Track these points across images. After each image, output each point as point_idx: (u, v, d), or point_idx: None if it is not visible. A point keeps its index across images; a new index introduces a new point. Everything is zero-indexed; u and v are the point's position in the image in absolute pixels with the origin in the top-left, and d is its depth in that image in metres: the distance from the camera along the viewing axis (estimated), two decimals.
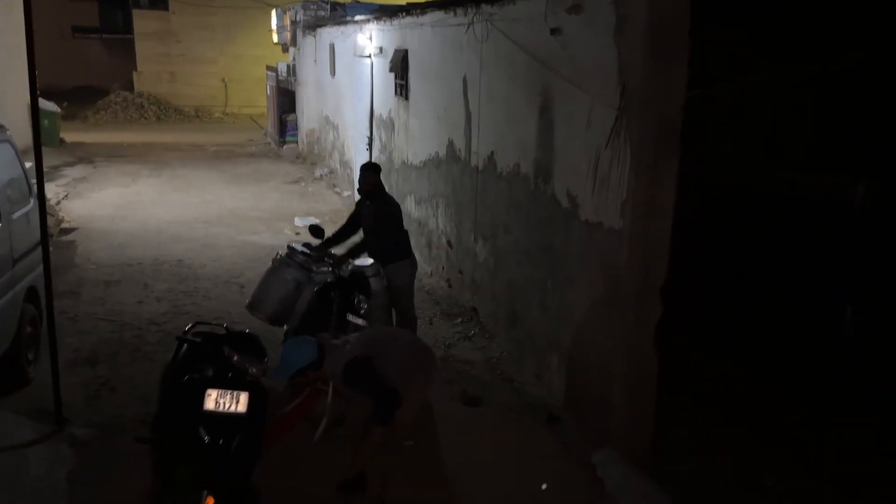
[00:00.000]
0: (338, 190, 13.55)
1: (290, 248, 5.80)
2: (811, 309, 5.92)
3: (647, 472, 4.54)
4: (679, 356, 4.97)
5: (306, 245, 5.95)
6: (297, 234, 10.20)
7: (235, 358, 3.75)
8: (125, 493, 4.25)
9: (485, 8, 6.51)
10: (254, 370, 3.82)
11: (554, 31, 5.26)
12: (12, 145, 5.49)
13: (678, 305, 4.73)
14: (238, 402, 3.65)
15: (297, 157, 17.08)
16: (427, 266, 8.48)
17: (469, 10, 6.86)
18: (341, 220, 6.28)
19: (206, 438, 3.59)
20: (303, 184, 14.27)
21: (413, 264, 6.26)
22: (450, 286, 8.02)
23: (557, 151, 5.39)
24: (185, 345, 4.27)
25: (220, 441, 3.60)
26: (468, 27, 6.85)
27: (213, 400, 3.64)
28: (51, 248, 5.97)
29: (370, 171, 6.16)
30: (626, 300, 4.59)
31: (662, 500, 4.30)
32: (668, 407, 4.89)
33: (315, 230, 5.85)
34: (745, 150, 6.95)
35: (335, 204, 12.41)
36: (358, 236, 6.33)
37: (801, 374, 5.79)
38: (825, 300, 5.75)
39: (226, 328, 4.51)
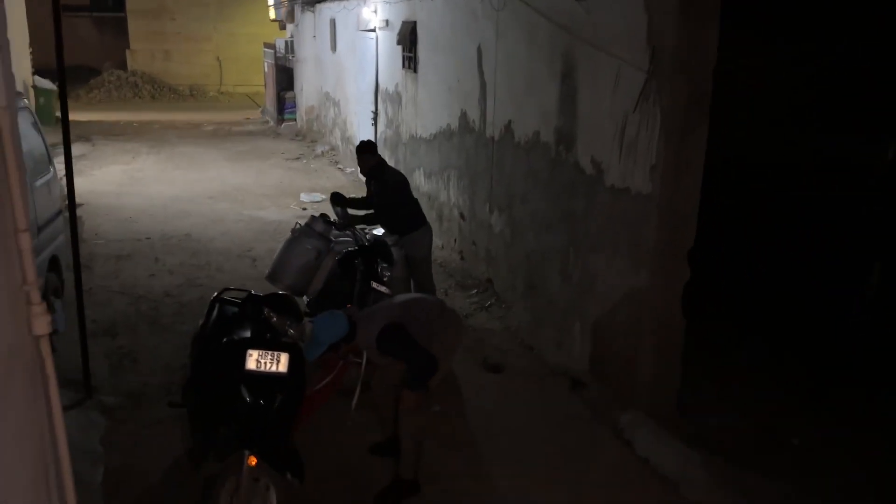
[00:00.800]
0: (340, 166, 13.51)
1: (311, 217, 5.80)
2: (831, 283, 5.99)
3: (674, 433, 4.61)
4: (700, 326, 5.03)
5: (324, 216, 5.94)
6: (304, 209, 10.20)
7: (275, 319, 3.77)
8: (159, 456, 4.30)
9: None
10: (292, 332, 3.84)
11: None
12: (31, 113, 5.45)
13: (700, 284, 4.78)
14: (279, 363, 3.67)
15: (297, 135, 17.00)
16: (438, 239, 8.47)
17: None
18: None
19: (248, 399, 3.62)
20: (304, 160, 14.23)
21: (428, 233, 6.29)
22: (462, 258, 8.05)
23: (581, 118, 5.40)
24: (216, 309, 4.30)
25: (262, 401, 3.63)
26: None
27: (255, 360, 3.65)
28: (63, 220, 5.96)
29: (364, 152, 6.13)
30: (655, 264, 4.63)
31: (692, 459, 4.36)
32: (691, 367, 4.96)
33: (336, 198, 5.85)
34: (760, 133, 6.99)
35: (339, 180, 12.37)
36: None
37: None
38: (846, 273, 5.80)
39: (253, 293, 4.53)
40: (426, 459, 4.23)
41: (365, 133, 11.87)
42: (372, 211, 6.13)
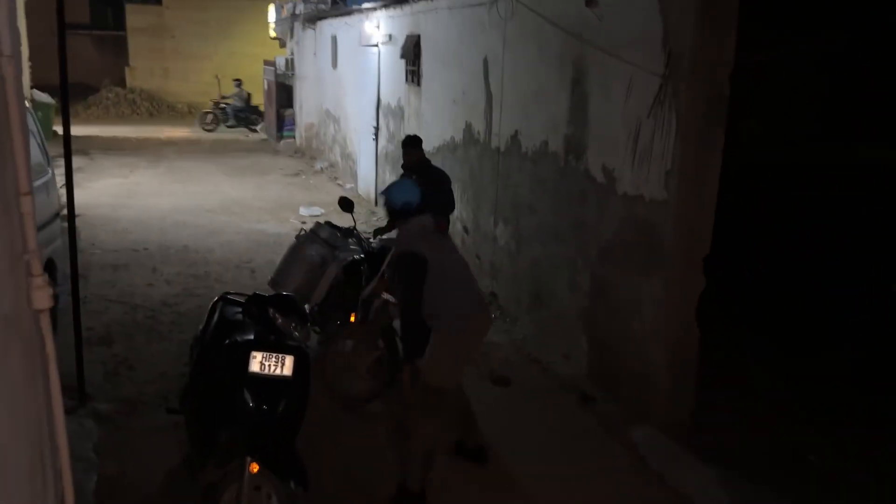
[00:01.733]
0: (340, 182, 13.42)
1: (316, 224, 5.68)
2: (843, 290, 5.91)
3: (689, 448, 4.45)
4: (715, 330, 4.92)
5: (329, 223, 5.81)
6: (303, 223, 10.05)
7: (280, 320, 3.62)
8: (155, 464, 4.13)
9: None
10: (297, 333, 3.69)
11: (589, 3, 5.18)
12: (30, 111, 5.33)
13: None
14: (283, 366, 3.51)
15: (296, 152, 16.91)
16: None
17: None
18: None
19: (251, 403, 3.46)
20: (303, 176, 14.13)
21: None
22: None
23: (592, 125, 5.30)
24: (218, 311, 4.16)
25: (265, 405, 3.47)
26: (491, 6, 6.77)
27: (259, 363, 3.49)
28: (61, 225, 5.83)
29: (410, 146, 6.23)
30: (670, 272, 4.51)
31: (709, 476, 4.21)
32: (705, 379, 4.82)
33: (344, 203, 5.71)
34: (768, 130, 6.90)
35: (338, 195, 12.24)
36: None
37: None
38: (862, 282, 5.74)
39: (257, 293, 4.38)
40: (436, 472, 4.07)
41: (365, 150, 11.79)
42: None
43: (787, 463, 4.49)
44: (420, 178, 6.03)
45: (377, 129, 11.16)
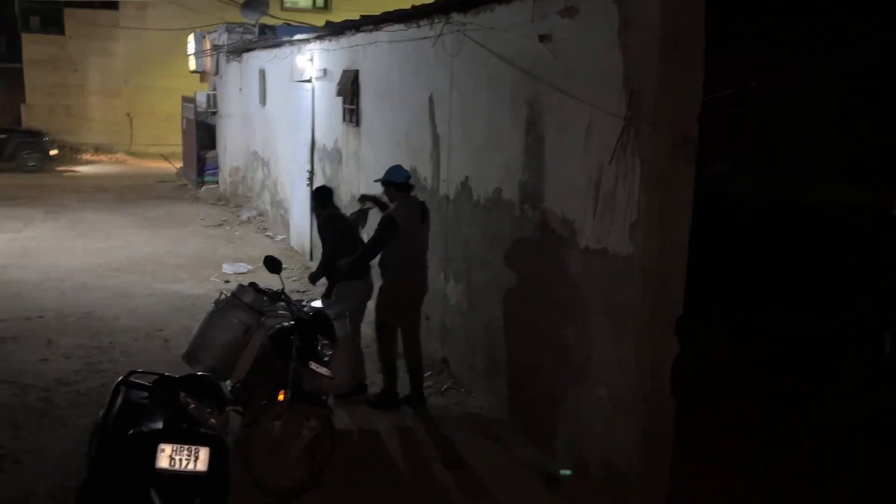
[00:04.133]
0: (270, 234, 13.31)
1: (238, 286, 5.59)
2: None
3: None
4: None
5: (253, 285, 5.70)
6: (227, 281, 9.92)
7: (192, 405, 3.52)
8: None
9: (456, 17, 6.55)
10: (213, 421, 3.59)
11: (543, 38, 5.30)
12: None
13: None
14: (197, 459, 3.42)
15: (219, 199, 16.77)
16: None
17: (436, 21, 6.90)
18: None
19: (158, 502, 3.33)
20: (228, 227, 14.00)
21: (369, 286, 6.65)
22: None
23: (549, 172, 5.38)
24: (122, 395, 4.02)
25: None
26: (436, 40, 6.88)
27: (168, 457, 3.39)
28: None
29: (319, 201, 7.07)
30: (639, 335, 4.53)
31: None
32: (683, 451, 4.84)
33: (271, 263, 5.61)
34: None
35: (267, 249, 12.10)
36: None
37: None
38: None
39: (167, 374, 4.26)
40: None
41: (298, 196, 11.76)
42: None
43: None
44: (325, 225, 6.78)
45: (312, 173, 11.16)
